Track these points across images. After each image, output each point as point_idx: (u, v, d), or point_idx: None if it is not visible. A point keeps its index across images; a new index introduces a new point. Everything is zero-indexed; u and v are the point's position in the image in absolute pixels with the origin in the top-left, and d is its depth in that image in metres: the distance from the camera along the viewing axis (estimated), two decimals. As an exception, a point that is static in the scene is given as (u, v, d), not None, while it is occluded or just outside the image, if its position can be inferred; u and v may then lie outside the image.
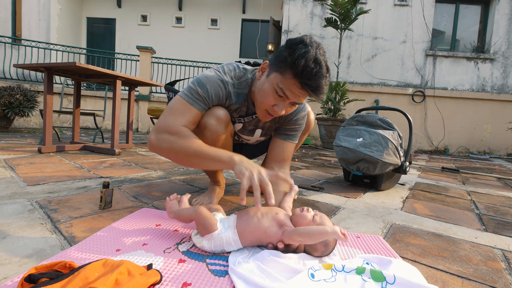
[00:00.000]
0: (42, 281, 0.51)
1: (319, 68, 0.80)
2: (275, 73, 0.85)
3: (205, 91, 0.94)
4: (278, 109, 0.88)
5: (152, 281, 0.57)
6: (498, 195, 1.83)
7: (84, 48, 7.33)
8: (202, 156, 0.85)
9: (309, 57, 0.79)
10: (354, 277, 0.63)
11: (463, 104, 5.64)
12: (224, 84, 0.97)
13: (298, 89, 0.83)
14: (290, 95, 0.85)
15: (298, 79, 0.80)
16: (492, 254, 0.89)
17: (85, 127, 5.91)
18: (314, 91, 0.82)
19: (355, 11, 4.65)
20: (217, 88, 0.96)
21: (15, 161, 1.92)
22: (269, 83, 0.87)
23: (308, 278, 0.61)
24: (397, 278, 0.60)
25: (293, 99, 0.86)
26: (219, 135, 1.01)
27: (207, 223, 0.73)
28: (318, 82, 0.80)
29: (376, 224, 1.10)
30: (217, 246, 0.73)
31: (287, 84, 0.83)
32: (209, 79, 0.95)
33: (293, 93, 0.84)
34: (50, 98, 2.31)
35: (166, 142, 0.87)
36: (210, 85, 0.95)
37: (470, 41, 5.92)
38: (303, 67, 0.79)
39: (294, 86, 0.82)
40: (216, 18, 8.16)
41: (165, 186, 1.50)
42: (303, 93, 0.84)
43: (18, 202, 1.09)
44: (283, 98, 0.86)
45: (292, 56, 0.80)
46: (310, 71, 0.79)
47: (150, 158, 2.46)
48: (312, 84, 0.80)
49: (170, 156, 0.89)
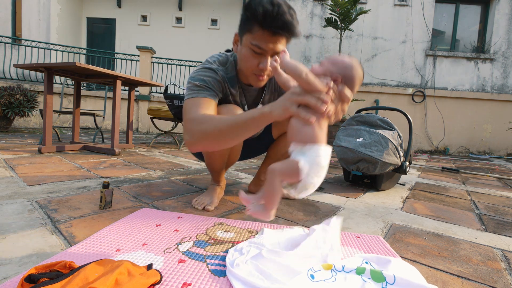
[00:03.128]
0: (42, 281, 0.51)
1: (278, 7, 0.80)
2: (245, 35, 0.89)
3: (201, 80, 0.96)
4: (263, 65, 0.90)
5: (152, 281, 0.57)
6: (498, 195, 1.83)
7: (84, 48, 7.33)
8: (236, 126, 0.77)
9: (264, 2, 0.81)
10: (354, 277, 0.63)
11: (463, 104, 5.64)
12: (215, 70, 1.00)
13: (270, 37, 0.84)
14: (266, 47, 0.86)
15: (264, 27, 0.82)
16: (492, 254, 0.89)
17: (85, 127, 5.91)
18: (283, 30, 0.83)
19: (355, 11, 4.65)
20: (211, 75, 0.98)
21: (15, 161, 1.92)
22: (244, 47, 0.90)
23: (308, 279, 0.61)
24: (397, 278, 0.60)
25: (272, 50, 0.87)
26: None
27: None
28: (283, 20, 0.81)
29: (376, 224, 1.10)
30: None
31: (258, 38, 0.85)
32: (199, 72, 0.99)
33: (267, 43, 0.85)
34: (50, 98, 2.31)
35: (197, 133, 0.82)
36: (203, 75, 0.98)
37: (470, 41, 5.92)
38: (263, 14, 0.81)
39: (265, 35, 0.84)
40: (216, 18, 8.16)
41: (165, 186, 1.50)
42: (276, 39, 0.85)
43: (18, 202, 1.09)
44: (262, 54, 0.88)
45: (250, 10, 0.83)
46: (271, 14, 0.80)
47: (150, 158, 2.46)
48: (278, 25, 0.81)
49: (209, 143, 0.83)
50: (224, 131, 0.78)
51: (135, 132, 6.04)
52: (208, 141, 0.82)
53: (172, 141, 4.27)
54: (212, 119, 0.82)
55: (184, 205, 1.19)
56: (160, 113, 3.22)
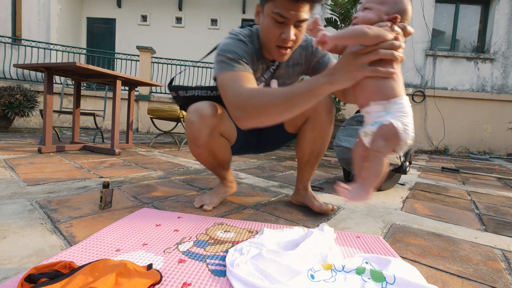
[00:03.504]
0: (42, 281, 0.51)
1: None
2: (266, 4, 0.84)
3: (233, 52, 0.89)
4: (286, 35, 0.85)
5: (152, 281, 0.57)
6: (498, 195, 1.83)
7: (84, 48, 7.33)
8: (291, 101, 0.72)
9: None
10: (354, 277, 0.63)
11: (463, 104, 5.64)
12: (244, 42, 0.95)
13: (290, 4, 0.79)
14: (288, 15, 0.81)
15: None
16: (492, 254, 0.89)
17: (85, 127, 5.91)
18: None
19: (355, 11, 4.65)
20: (241, 46, 0.93)
21: (15, 161, 1.92)
22: (266, 17, 0.86)
23: (308, 279, 0.61)
24: (397, 278, 0.60)
25: (294, 17, 0.82)
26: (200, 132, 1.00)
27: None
28: None
29: (376, 224, 1.10)
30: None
31: (280, 5, 0.81)
32: (229, 43, 0.92)
33: (289, 10, 0.81)
34: (50, 98, 2.31)
35: (250, 109, 0.77)
36: (234, 46, 0.91)
37: (470, 41, 5.91)
38: None
39: (285, 2, 0.80)
40: (216, 18, 8.16)
41: (165, 186, 1.50)
42: (298, 5, 0.80)
43: (18, 202, 1.09)
44: (285, 23, 0.84)
45: None
46: None
47: (150, 158, 2.46)
48: None
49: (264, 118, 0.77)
50: (280, 106, 0.73)
51: (135, 132, 6.04)
52: (263, 117, 0.77)
53: (172, 141, 4.27)
54: (265, 93, 0.77)
55: (184, 205, 1.19)
56: (160, 113, 3.22)
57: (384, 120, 0.64)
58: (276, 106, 0.74)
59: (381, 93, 0.64)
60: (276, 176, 1.98)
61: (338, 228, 1.02)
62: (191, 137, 1.03)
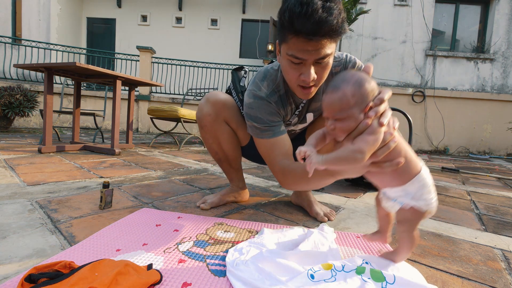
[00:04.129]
0: (42, 281, 0.51)
1: (307, 5, 0.66)
2: (282, 45, 0.78)
3: (258, 120, 0.92)
4: (305, 76, 0.77)
5: (152, 281, 0.57)
6: (498, 195, 1.83)
7: (84, 48, 7.33)
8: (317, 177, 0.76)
9: (291, 5, 0.69)
10: (354, 277, 0.63)
11: (463, 104, 5.64)
12: (267, 99, 0.92)
13: (305, 43, 0.70)
14: (303, 55, 0.73)
15: (296, 34, 0.70)
16: (492, 254, 0.89)
17: (85, 127, 5.91)
18: (319, 33, 0.68)
19: (355, 11, 4.65)
20: (265, 107, 0.92)
21: (15, 161, 1.92)
22: (284, 58, 0.80)
23: (308, 279, 0.61)
24: (397, 278, 0.60)
25: (312, 57, 0.73)
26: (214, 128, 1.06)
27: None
28: (315, 19, 0.66)
29: (376, 224, 1.10)
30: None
31: (293, 47, 0.73)
32: (253, 107, 0.93)
33: (303, 51, 0.72)
34: (50, 98, 2.31)
35: (289, 181, 0.88)
36: (258, 111, 0.92)
37: (470, 41, 5.92)
38: (290, 18, 0.69)
39: (298, 43, 0.71)
40: (216, 18, 8.16)
41: (165, 186, 1.50)
42: (313, 44, 0.70)
43: (18, 202, 1.09)
44: (302, 63, 0.76)
45: (280, 16, 0.72)
46: (299, 16, 0.67)
47: (150, 158, 2.46)
48: (309, 28, 0.67)
49: (301, 187, 0.91)
50: (309, 180, 0.79)
51: (135, 132, 6.04)
52: (299, 186, 0.90)
53: (172, 141, 4.27)
54: (295, 169, 0.84)
55: (184, 205, 1.19)
56: (160, 113, 3.22)
57: (405, 204, 0.62)
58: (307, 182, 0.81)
59: (395, 181, 0.62)
60: (276, 176, 1.98)
61: (338, 228, 1.02)
62: (198, 118, 1.12)
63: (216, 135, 1.12)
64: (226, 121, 1.11)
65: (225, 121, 1.11)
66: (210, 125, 1.10)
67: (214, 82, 6.59)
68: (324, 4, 0.67)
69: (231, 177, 1.26)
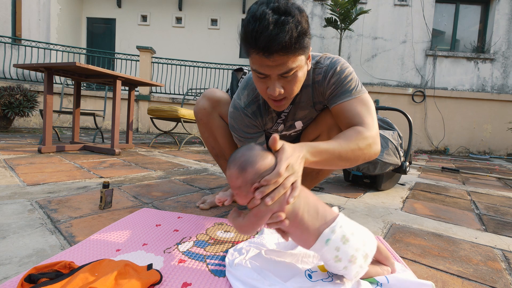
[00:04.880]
0: (42, 281, 0.51)
1: (260, 21, 0.63)
2: (249, 58, 0.74)
3: (237, 130, 0.98)
4: (271, 90, 0.74)
5: (152, 281, 0.57)
6: (498, 195, 1.83)
7: (84, 48, 7.33)
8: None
9: (246, 21, 0.66)
10: None
11: (463, 104, 5.64)
12: (243, 111, 0.94)
13: (263, 59, 0.67)
14: (264, 71, 0.70)
15: (253, 49, 0.67)
16: (492, 254, 0.89)
17: (85, 127, 5.91)
18: (269, 50, 0.65)
19: (355, 11, 4.65)
20: (242, 121, 0.95)
21: (15, 161, 1.92)
22: (252, 71, 0.77)
23: (306, 279, 0.62)
24: (389, 278, 0.62)
25: (273, 72, 0.70)
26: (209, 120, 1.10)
27: None
28: (263, 38, 0.63)
29: (376, 224, 1.10)
30: None
31: (255, 62, 0.70)
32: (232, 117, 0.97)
33: (264, 66, 0.69)
34: (50, 98, 2.31)
35: None
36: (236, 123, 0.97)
37: (470, 41, 5.91)
38: (244, 34, 0.67)
39: (257, 58, 0.68)
40: (216, 18, 8.16)
41: (165, 186, 1.50)
42: (271, 59, 0.67)
43: (18, 202, 1.09)
44: (265, 77, 0.73)
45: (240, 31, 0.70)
46: (251, 33, 0.65)
47: (150, 158, 2.46)
48: (261, 45, 0.64)
49: None
50: None
51: (135, 132, 6.04)
52: None
53: (172, 141, 4.27)
54: None
55: (184, 205, 1.19)
56: (160, 113, 3.22)
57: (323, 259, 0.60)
58: None
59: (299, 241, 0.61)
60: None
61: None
62: (194, 112, 1.17)
63: (211, 129, 1.16)
64: (221, 116, 1.14)
65: (220, 116, 1.14)
66: (205, 119, 1.14)
67: (214, 82, 6.59)
68: (278, 18, 0.63)
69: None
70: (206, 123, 1.15)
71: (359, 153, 0.74)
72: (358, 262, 0.56)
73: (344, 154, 0.71)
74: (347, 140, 0.73)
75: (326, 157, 0.69)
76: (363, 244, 0.57)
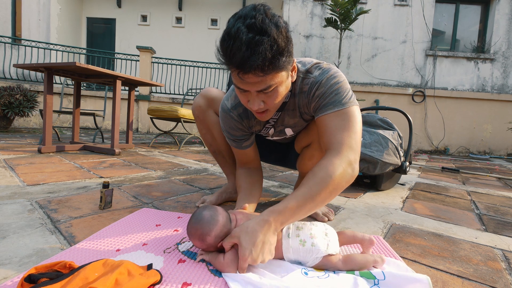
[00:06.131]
0: (42, 281, 0.51)
1: (234, 40, 0.62)
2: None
3: (226, 132, 1.00)
4: (251, 104, 0.74)
5: (152, 281, 0.57)
6: (498, 195, 1.83)
7: (84, 48, 7.32)
8: None
9: (222, 37, 0.65)
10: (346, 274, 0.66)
11: (463, 104, 5.64)
12: (229, 113, 0.94)
13: (240, 76, 0.67)
14: (243, 87, 0.70)
15: (230, 66, 0.66)
16: (492, 254, 0.89)
17: (85, 127, 5.91)
18: (244, 70, 0.64)
19: (355, 11, 4.65)
20: (228, 122, 0.96)
21: (15, 161, 1.92)
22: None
23: (302, 275, 0.64)
24: (386, 274, 0.63)
25: (252, 88, 0.69)
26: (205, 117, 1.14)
27: None
28: (235, 58, 0.63)
29: (376, 224, 1.10)
30: None
31: (233, 77, 0.70)
32: (220, 117, 0.99)
33: (242, 83, 0.69)
34: (50, 98, 2.31)
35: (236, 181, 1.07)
36: (224, 124, 0.98)
37: (470, 41, 5.91)
38: (221, 51, 0.65)
39: (234, 75, 0.68)
40: (216, 18, 8.16)
41: (165, 186, 1.50)
42: (247, 77, 0.66)
43: (18, 202, 1.09)
44: (246, 92, 0.72)
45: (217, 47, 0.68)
46: (226, 51, 0.64)
47: (150, 158, 2.46)
48: (235, 62, 0.63)
49: None
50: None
51: (135, 132, 6.04)
52: None
53: (172, 141, 4.27)
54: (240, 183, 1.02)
55: (184, 205, 1.19)
56: (160, 113, 3.22)
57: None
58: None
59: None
60: (276, 176, 1.98)
61: (338, 228, 1.02)
62: (192, 110, 1.20)
63: (208, 126, 1.18)
64: (216, 113, 1.16)
65: (215, 113, 1.16)
66: (201, 116, 1.17)
67: (214, 82, 6.59)
68: (252, 38, 0.61)
69: (226, 171, 1.28)
70: (203, 120, 1.18)
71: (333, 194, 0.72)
72: (319, 236, 0.69)
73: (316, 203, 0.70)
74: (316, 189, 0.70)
75: (299, 215, 0.69)
76: (315, 225, 0.72)
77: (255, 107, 0.73)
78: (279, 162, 1.33)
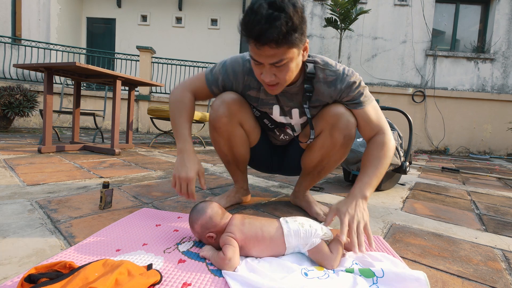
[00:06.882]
0: (42, 281, 0.51)
1: (255, 14, 0.70)
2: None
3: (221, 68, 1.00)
4: (264, 76, 0.81)
5: (152, 281, 0.57)
6: (498, 195, 1.83)
7: (84, 48, 7.32)
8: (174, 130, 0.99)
9: (246, 11, 0.72)
10: (346, 274, 0.66)
11: (463, 104, 5.64)
12: (243, 60, 0.98)
13: (256, 49, 0.74)
14: (258, 59, 0.77)
15: (248, 38, 0.74)
16: (492, 254, 0.89)
17: (85, 127, 5.91)
18: (260, 42, 0.71)
19: (355, 11, 4.65)
20: (235, 63, 0.98)
21: (15, 161, 1.92)
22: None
23: (302, 276, 0.64)
24: (385, 270, 0.63)
25: (266, 61, 0.76)
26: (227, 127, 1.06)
27: None
28: (254, 30, 0.70)
29: (376, 224, 1.10)
30: None
31: (251, 49, 0.77)
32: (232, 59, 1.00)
33: (257, 55, 0.76)
34: (50, 98, 2.31)
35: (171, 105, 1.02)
36: (230, 61, 0.99)
37: (470, 41, 5.91)
38: (241, 24, 0.74)
39: (252, 47, 0.75)
40: (216, 18, 8.16)
41: (165, 186, 1.50)
42: (262, 51, 0.73)
43: (18, 202, 1.09)
44: (260, 64, 0.79)
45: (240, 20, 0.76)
46: (247, 24, 0.72)
47: (150, 158, 2.46)
48: (253, 36, 0.71)
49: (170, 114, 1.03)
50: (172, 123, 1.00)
51: (135, 132, 6.04)
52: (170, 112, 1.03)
53: (172, 141, 4.27)
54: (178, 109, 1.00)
55: (184, 205, 1.19)
56: (160, 113, 3.22)
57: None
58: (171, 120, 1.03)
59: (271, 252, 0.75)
60: (276, 176, 1.98)
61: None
62: (212, 119, 1.06)
63: (229, 138, 1.08)
64: (240, 123, 1.07)
65: (239, 123, 1.07)
66: (224, 128, 1.05)
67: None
68: (271, 14, 0.69)
69: (236, 178, 1.24)
70: (225, 132, 1.06)
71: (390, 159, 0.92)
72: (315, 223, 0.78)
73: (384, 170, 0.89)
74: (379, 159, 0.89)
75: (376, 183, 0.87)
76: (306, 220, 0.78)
77: (267, 79, 0.81)
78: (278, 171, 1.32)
